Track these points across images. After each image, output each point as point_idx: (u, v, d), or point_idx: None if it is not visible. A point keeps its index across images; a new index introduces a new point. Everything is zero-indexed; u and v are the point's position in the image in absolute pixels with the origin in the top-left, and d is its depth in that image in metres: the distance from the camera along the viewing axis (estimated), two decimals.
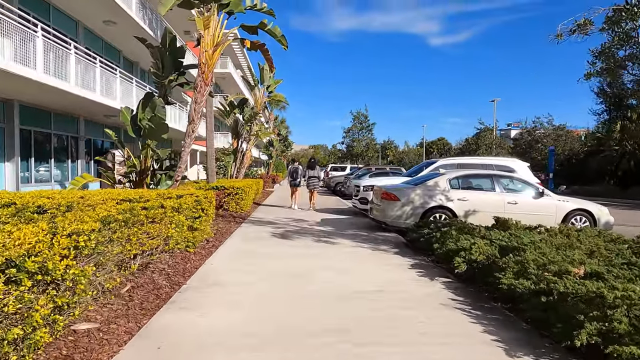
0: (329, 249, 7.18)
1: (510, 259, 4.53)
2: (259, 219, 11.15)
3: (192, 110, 9.01)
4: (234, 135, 23.04)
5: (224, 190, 12.01)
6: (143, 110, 8.86)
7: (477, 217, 8.88)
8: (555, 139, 41.19)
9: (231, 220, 10.45)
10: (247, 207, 12.80)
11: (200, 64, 8.83)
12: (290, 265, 5.88)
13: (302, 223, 10.52)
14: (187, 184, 13.68)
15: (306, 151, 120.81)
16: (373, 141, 33.04)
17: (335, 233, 9.00)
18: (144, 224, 4.48)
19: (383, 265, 6.05)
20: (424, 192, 9.06)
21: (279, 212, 13.16)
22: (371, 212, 9.97)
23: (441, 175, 9.51)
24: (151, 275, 4.83)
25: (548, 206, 9.22)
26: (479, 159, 13.15)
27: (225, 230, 8.95)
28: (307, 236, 8.47)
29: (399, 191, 9.18)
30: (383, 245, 7.62)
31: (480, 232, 6.27)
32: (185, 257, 6.01)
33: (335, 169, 35.42)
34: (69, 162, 14.41)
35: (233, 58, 40.34)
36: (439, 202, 8.95)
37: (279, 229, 9.45)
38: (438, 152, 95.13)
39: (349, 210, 14.23)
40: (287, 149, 66.46)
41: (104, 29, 16.23)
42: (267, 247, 7.27)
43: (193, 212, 6.19)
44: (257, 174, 31.23)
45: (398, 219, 9.01)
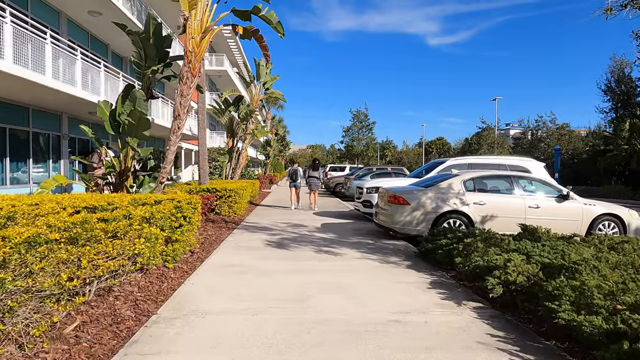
0: (331, 262, 6.24)
1: (563, 283, 3.60)
2: (253, 224, 10.20)
3: (178, 104, 8.06)
4: (229, 134, 22.13)
5: (216, 192, 11.06)
6: (122, 104, 7.91)
7: (495, 223, 7.98)
8: (559, 139, 40.39)
9: (222, 226, 9.49)
10: (241, 210, 11.85)
11: (186, 52, 7.88)
12: (286, 285, 4.94)
13: (301, 229, 9.57)
14: (177, 186, 12.74)
15: (304, 151, 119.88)
16: (373, 140, 32.07)
17: (338, 241, 8.06)
18: (101, 241, 3.54)
19: (396, 283, 5.11)
20: (436, 195, 8.13)
21: (275, 215, 12.22)
22: (376, 216, 9.04)
23: (455, 176, 8.58)
24: (113, 303, 3.88)
25: (573, 211, 8.31)
26: (491, 158, 12.23)
27: (215, 238, 8.00)
28: (306, 245, 7.53)
29: (408, 194, 8.25)
30: (393, 257, 6.68)
31: (509, 243, 5.34)
32: (162, 275, 5.06)
33: (334, 169, 34.43)
34: (49, 162, 13.42)
35: (229, 56, 39.36)
36: (453, 206, 8.03)
37: (275, 236, 8.51)
38: (437, 152, 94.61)
39: (351, 213, 13.30)
40: (285, 149, 65.45)
41: (89, 21, 15.25)
42: (260, 259, 6.32)
43: (172, 221, 5.25)
44: (254, 175, 30.26)
45: (408, 225, 8.08)
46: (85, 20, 15.09)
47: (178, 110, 8.07)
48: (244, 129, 21.15)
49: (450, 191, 8.20)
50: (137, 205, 5.35)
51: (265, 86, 21.70)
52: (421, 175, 11.78)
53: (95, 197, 5.31)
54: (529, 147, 41.18)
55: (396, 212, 8.17)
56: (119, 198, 5.45)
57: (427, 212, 8.02)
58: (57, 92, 10.99)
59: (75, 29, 15.12)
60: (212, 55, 37.65)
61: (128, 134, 7.91)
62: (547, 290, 3.63)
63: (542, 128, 41.44)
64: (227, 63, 37.00)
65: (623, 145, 24.72)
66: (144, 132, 7.86)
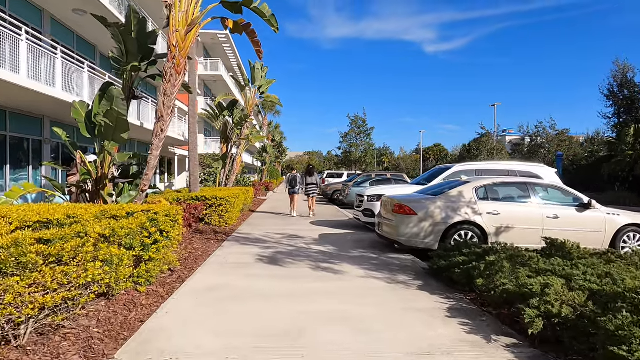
0: (332, 282, 5.45)
1: (627, 319, 2.84)
2: (245, 236, 9.40)
3: (161, 104, 7.29)
4: (223, 139, 21.39)
5: (205, 201, 10.27)
6: (99, 104, 7.15)
7: (511, 235, 7.23)
8: (559, 145, 39.86)
9: (211, 238, 8.69)
10: (232, 220, 11.05)
11: (169, 46, 7.13)
12: (278, 314, 4.15)
13: (297, 241, 8.78)
14: (166, 194, 11.94)
15: (301, 157, 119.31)
16: (371, 146, 31.32)
17: (338, 255, 7.27)
18: (37, 268, 2.75)
19: (410, 311, 4.33)
20: (446, 205, 7.38)
21: (270, 225, 11.43)
22: (379, 227, 8.27)
23: (465, 183, 7.83)
24: (58, 346, 3.08)
25: (596, 221, 7.57)
26: (501, 164, 11.52)
27: (202, 252, 7.20)
28: (302, 260, 6.74)
29: (415, 203, 7.49)
30: (401, 274, 5.90)
31: (538, 262, 4.59)
32: (131, 302, 4.26)
33: (332, 176, 33.65)
34: (29, 168, 12.60)
35: (225, 60, 38.75)
36: (464, 216, 7.27)
37: (268, 249, 7.72)
38: (435, 158, 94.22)
39: (350, 222, 12.52)
40: (281, 156, 64.68)
41: (75, 21, 14.51)
42: (250, 279, 5.53)
43: (145, 237, 4.46)
44: (250, 182, 29.45)
45: (414, 237, 7.31)
46: (70, 20, 14.35)
47: (161, 110, 7.31)
48: (239, 134, 20.40)
49: (461, 200, 7.46)
50: (105, 218, 4.57)
51: (261, 90, 20.99)
52: (425, 182, 11.04)
53: (54, 208, 4.52)
54: (527, 153, 40.63)
55: (402, 223, 7.40)
56: (84, 210, 4.67)
57: (436, 223, 7.26)
58: (36, 94, 10.21)
59: (59, 29, 14.37)
60: (207, 60, 37.02)
61: (105, 137, 7.13)
62: (607, 329, 2.86)
63: (542, 134, 40.90)
64: (222, 68, 36.38)
65: (628, 151, 24.12)
66: (122, 134, 7.08)
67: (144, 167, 9.47)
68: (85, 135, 7.43)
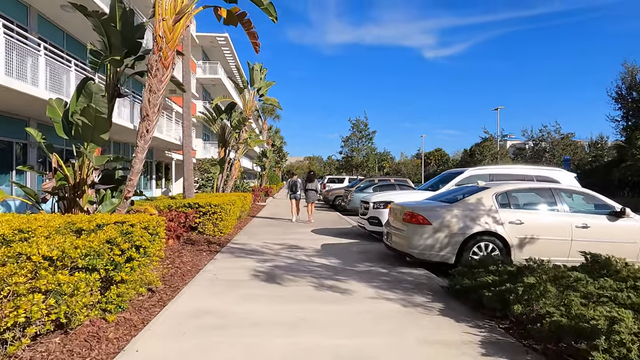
0: (338, 306, 4.68)
1: None
2: (241, 246, 8.63)
3: (146, 101, 6.56)
4: (220, 143, 20.67)
5: (198, 208, 9.50)
6: (76, 101, 6.41)
7: (536, 248, 6.48)
8: (564, 149, 39.12)
9: (203, 249, 7.92)
10: (228, 228, 10.28)
11: (155, 37, 6.40)
12: (275, 353, 3.38)
13: (297, 252, 8.01)
14: (158, 200, 11.18)
15: (301, 163, 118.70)
16: (373, 151, 30.53)
17: (343, 270, 6.50)
18: None
19: (435, 345, 3.55)
20: (463, 213, 6.62)
21: (269, 234, 10.65)
22: (388, 238, 7.50)
23: (484, 189, 7.07)
24: None
25: (630, 231, 6.79)
26: (515, 168, 10.78)
27: (191, 267, 6.43)
28: (304, 277, 5.97)
29: (429, 212, 6.73)
30: (417, 294, 5.13)
31: (587, 284, 3.82)
32: (95, 335, 3.49)
33: (333, 181, 32.87)
34: (12, 173, 11.85)
35: (224, 64, 38.14)
36: (484, 226, 6.51)
37: (266, 262, 6.95)
38: (436, 163, 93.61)
39: (354, 231, 11.75)
40: (281, 161, 63.97)
41: (64, 19, 13.82)
42: (243, 302, 4.75)
43: (115, 256, 3.71)
44: (249, 187, 28.69)
45: (429, 250, 6.55)
46: (59, 17, 13.67)
47: (146, 108, 6.57)
48: (237, 138, 19.68)
49: (480, 207, 6.69)
50: (68, 232, 3.82)
51: (260, 92, 20.28)
52: (436, 187, 10.29)
53: (8, 220, 3.77)
54: (531, 158, 39.88)
55: (414, 234, 6.63)
56: (46, 222, 3.92)
57: (453, 233, 6.50)
58: (19, 94, 9.50)
59: (48, 27, 13.68)
60: (205, 63, 36.39)
61: (83, 138, 6.39)
62: None
63: (547, 138, 40.16)
64: (221, 71, 35.74)
65: (638, 155, 23.36)
66: (101, 135, 6.34)
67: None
68: (62, 137, 6.69)
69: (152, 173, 25.04)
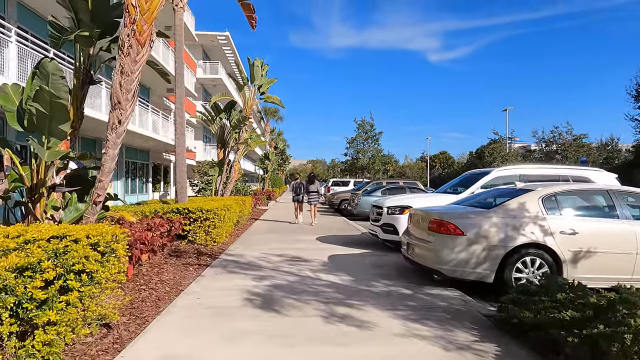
0: (357, 348, 3.47)
1: None
2: (235, 258, 7.44)
3: (117, 85, 5.40)
4: (219, 144, 19.54)
5: (188, 214, 8.33)
6: (31, 84, 5.27)
7: (593, 263, 5.28)
8: (576, 150, 37.76)
9: (191, 262, 6.74)
10: (222, 237, 9.09)
11: (127, 6, 5.25)
12: None
13: (301, 266, 6.82)
14: (147, 205, 10.02)
15: (305, 166, 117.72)
16: (380, 152, 29.24)
17: (357, 291, 5.30)
18: None
19: None
20: (503, 221, 5.41)
21: (268, 242, 9.47)
22: (409, 250, 6.28)
23: (526, 191, 5.85)
24: None
25: None
26: (547, 168, 9.58)
27: (170, 288, 5.24)
28: (309, 301, 4.78)
29: (462, 219, 5.52)
30: (457, 329, 3.92)
31: None
32: None
33: (337, 184, 31.58)
34: None
35: (224, 63, 37.11)
36: (530, 237, 5.30)
37: (263, 281, 5.75)
38: (441, 166, 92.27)
39: (364, 238, 10.54)
40: (284, 163, 62.85)
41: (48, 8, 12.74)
42: (229, 344, 3.56)
43: (36, 289, 2.53)
44: (250, 190, 27.53)
45: (462, 265, 5.34)
46: (42, 6, 12.60)
47: (117, 94, 5.41)
48: (236, 138, 18.51)
49: (524, 214, 5.48)
50: None
51: (261, 90, 19.12)
52: (456, 190, 9.08)
53: None
54: (540, 160, 38.53)
55: (444, 247, 5.43)
56: None
57: (492, 246, 5.29)
58: None
59: (30, 17, 12.62)
60: (206, 62, 35.39)
61: (38, 129, 5.24)
62: None
63: (558, 140, 38.80)
64: (222, 71, 34.73)
65: None
66: (60, 126, 5.18)
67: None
68: (15, 128, 5.53)
69: (148, 176, 23.94)
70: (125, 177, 19.89)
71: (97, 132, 15.52)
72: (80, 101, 6.49)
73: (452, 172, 79.64)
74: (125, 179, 19.90)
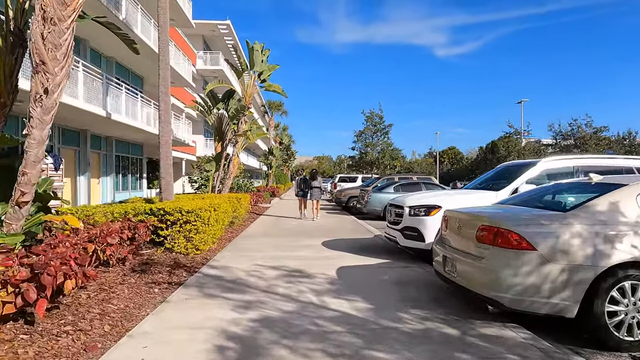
0: None
1: None
2: (219, 272, 5.86)
3: (38, 38, 3.82)
4: (217, 136, 18.05)
5: (165, 216, 6.77)
6: None
7: None
8: (597, 144, 35.75)
9: (159, 280, 5.16)
10: (207, 243, 7.50)
11: None
12: None
13: (302, 285, 5.22)
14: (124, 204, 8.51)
15: (310, 162, 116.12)
16: (389, 146, 27.45)
17: (380, 330, 3.69)
18: None
19: None
20: (590, 229, 3.76)
21: (264, 250, 7.89)
22: (447, 266, 4.64)
23: (617, 187, 4.18)
24: None
25: None
26: (602, 158, 7.91)
27: (111, 326, 3.66)
28: (313, 349, 3.18)
29: (529, 227, 3.86)
30: None
31: None
32: None
33: (344, 180, 29.86)
34: None
35: (226, 54, 35.48)
36: (631, 252, 3.66)
37: (248, 312, 4.16)
38: (449, 161, 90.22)
39: (378, 243, 8.93)
40: (289, 159, 61.17)
41: None
42: None
43: None
44: (253, 187, 25.95)
45: (531, 294, 3.71)
46: None
47: (39, 51, 3.85)
48: (235, 130, 16.93)
49: (619, 219, 3.83)
50: None
51: (262, 77, 17.47)
52: (492, 186, 7.42)
53: None
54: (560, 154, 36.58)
55: (504, 265, 3.80)
56: None
57: (576, 266, 3.65)
58: None
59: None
60: (206, 53, 33.87)
61: None
62: None
63: (577, 133, 36.79)
64: (223, 62, 33.12)
65: None
66: None
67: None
68: None
69: (142, 172, 22.44)
70: (116, 173, 18.41)
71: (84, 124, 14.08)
72: (11, 69, 4.93)
73: (461, 168, 77.59)
74: (116, 174, 18.42)
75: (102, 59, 16.90)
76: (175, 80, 23.71)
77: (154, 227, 6.78)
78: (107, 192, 17.34)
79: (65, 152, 14.24)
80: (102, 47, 15.96)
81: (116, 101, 13.86)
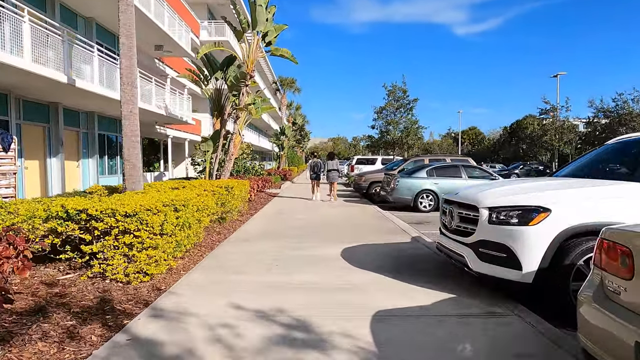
0: None
1: None
2: (165, 329, 3.22)
3: None
4: (215, 111, 15.39)
5: (89, 222, 4.14)
6: None
7: None
8: None
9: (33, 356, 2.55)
10: (162, 264, 4.81)
11: None
12: None
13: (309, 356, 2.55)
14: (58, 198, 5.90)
15: (325, 144, 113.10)
16: (414, 123, 24.23)
17: None
18: None
19: None
20: None
21: (254, 268, 5.25)
22: None
23: None
24: None
25: None
26: None
27: None
28: None
29: None
30: None
31: None
32: None
33: (362, 162, 26.85)
34: None
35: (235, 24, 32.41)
36: None
37: None
38: (470, 142, 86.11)
39: (422, 252, 6.20)
40: (303, 140, 58.22)
41: None
42: None
43: None
44: (263, 170, 23.34)
45: None
46: None
47: None
48: (236, 103, 14.17)
49: None
50: None
51: (267, 39, 14.61)
52: (613, 172, 4.56)
53: None
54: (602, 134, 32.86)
55: None
56: None
57: None
58: None
59: None
60: (211, 23, 30.96)
61: None
62: None
63: (623, 110, 32.90)
64: (228, 32, 30.12)
65: None
66: None
67: None
68: None
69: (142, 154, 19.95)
70: (100, 155, 15.95)
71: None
72: None
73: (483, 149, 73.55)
74: (100, 156, 15.97)
75: (79, 19, 14.25)
76: (173, 49, 21.03)
77: (79, 239, 4.18)
78: (88, 177, 14.93)
79: (29, 128, 11.78)
80: (77, 3, 13.32)
81: (86, 66, 11.24)
